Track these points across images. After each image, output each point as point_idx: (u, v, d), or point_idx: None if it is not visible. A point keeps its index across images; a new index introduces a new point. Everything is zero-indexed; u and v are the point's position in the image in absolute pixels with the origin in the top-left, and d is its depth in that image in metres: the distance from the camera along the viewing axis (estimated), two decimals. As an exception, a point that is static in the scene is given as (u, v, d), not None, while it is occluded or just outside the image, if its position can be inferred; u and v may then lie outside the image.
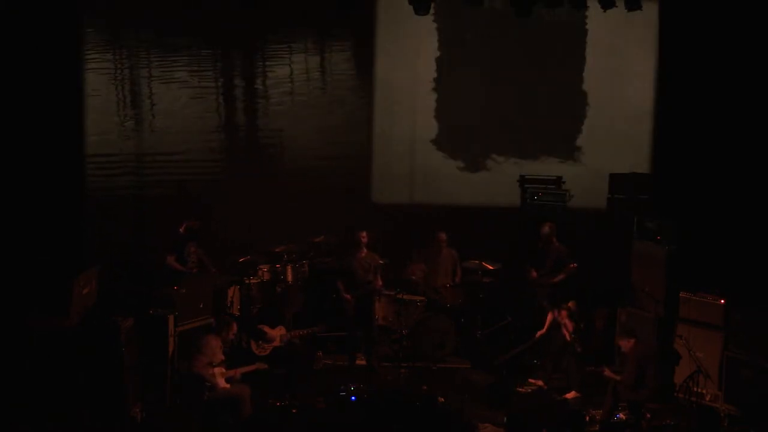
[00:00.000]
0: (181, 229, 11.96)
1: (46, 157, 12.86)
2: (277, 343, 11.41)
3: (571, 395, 11.06)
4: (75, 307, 9.79)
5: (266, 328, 11.44)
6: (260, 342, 11.35)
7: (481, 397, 10.71)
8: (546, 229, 12.34)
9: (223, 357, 9.86)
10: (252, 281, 12.47)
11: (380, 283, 12.02)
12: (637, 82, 13.86)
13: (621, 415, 10.15)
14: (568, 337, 11.07)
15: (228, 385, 9.77)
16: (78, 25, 13.87)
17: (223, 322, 10.23)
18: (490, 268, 12.81)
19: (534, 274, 12.37)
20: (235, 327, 10.22)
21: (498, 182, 13.93)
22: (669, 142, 13.32)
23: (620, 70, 13.86)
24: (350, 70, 14.56)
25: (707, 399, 10.55)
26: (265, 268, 12.62)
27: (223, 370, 9.79)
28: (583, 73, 13.95)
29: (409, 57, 14.10)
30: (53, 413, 9.58)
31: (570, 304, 11.23)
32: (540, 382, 11.42)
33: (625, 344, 10.20)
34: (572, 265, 12.06)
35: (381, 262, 12.17)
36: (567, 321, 11.13)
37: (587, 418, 10.11)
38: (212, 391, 9.57)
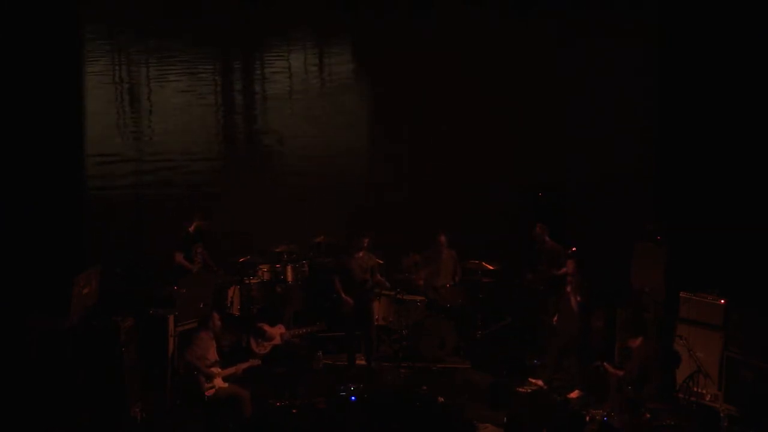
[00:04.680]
0: (190, 228, 11.97)
1: (46, 158, 12.86)
2: (277, 342, 11.42)
3: (574, 394, 11.06)
4: (75, 307, 9.79)
5: (266, 327, 11.45)
6: (260, 340, 11.36)
7: (481, 397, 10.72)
8: (537, 229, 12.38)
9: (217, 357, 9.85)
10: (252, 281, 12.48)
11: (379, 277, 12.02)
12: (638, 83, 13.86)
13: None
14: (575, 308, 11.07)
15: (226, 385, 9.77)
16: (78, 29, 13.86)
17: (204, 317, 10.09)
18: (490, 268, 12.83)
19: (529, 275, 12.41)
20: (216, 318, 9.96)
21: (497, 182, 13.93)
22: (669, 143, 13.31)
23: (621, 70, 13.86)
24: (349, 71, 14.57)
25: (707, 399, 10.54)
26: (265, 268, 12.64)
27: (219, 369, 9.79)
28: (583, 73, 13.94)
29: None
30: (53, 413, 9.57)
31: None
32: (540, 382, 11.43)
33: (632, 342, 10.23)
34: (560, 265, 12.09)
35: (380, 262, 12.18)
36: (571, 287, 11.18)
37: (587, 418, 10.12)
38: (208, 381, 9.58)
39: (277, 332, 11.45)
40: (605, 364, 10.37)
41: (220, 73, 14.49)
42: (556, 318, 11.46)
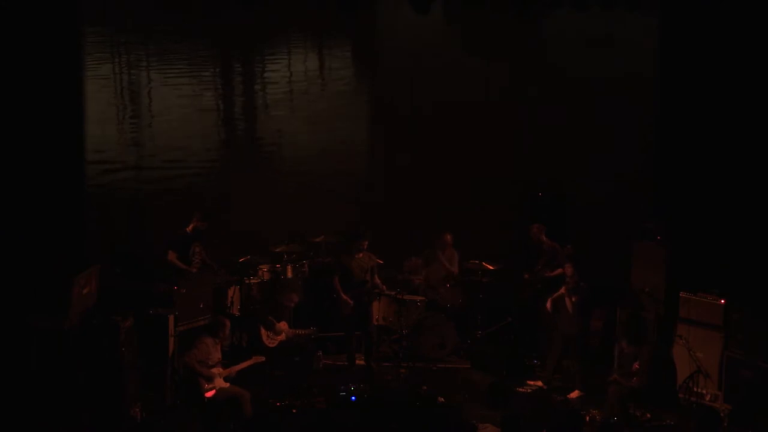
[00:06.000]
0: (188, 228, 11.96)
1: (46, 157, 12.85)
2: (283, 337, 11.46)
3: (574, 394, 11.07)
4: (75, 307, 9.79)
5: (273, 320, 11.51)
6: (271, 333, 11.39)
7: (481, 397, 10.70)
8: (534, 230, 12.37)
9: (220, 357, 9.86)
10: (252, 281, 12.47)
11: (378, 280, 12.02)
12: (637, 81, 13.86)
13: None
14: (570, 309, 11.04)
15: (227, 385, 9.78)
16: (78, 29, 13.85)
17: (217, 323, 10.20)
18: (490, 268, 12.82)
19: (526, 275, 12.41)
20: (228, 325, 10.19)
21: (497, 182, 13.93)
22: (669, 142, 13.31)
23: (620, 69, 13.85)
24: (349, 71, 14.57)
25: (707, 399, 10.55)
26: (265, 268, 12.63)
27: (221, 369, 9.79)
28: (584, 72, 13.92)
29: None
30: (53, 413, 9.57)
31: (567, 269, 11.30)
32: (539, 382, 11.43)
33: (628, 350, 10.23)
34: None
35: (380, 261, 12.18)
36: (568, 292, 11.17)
37: (587, 418, 10.11)
38: (208, 383, 9.59)
39: (283, 327, 11.49)
40: (616, 377, 10.35)
41: (220, 75, 14.48)
42: (552, 311, 11.44)
